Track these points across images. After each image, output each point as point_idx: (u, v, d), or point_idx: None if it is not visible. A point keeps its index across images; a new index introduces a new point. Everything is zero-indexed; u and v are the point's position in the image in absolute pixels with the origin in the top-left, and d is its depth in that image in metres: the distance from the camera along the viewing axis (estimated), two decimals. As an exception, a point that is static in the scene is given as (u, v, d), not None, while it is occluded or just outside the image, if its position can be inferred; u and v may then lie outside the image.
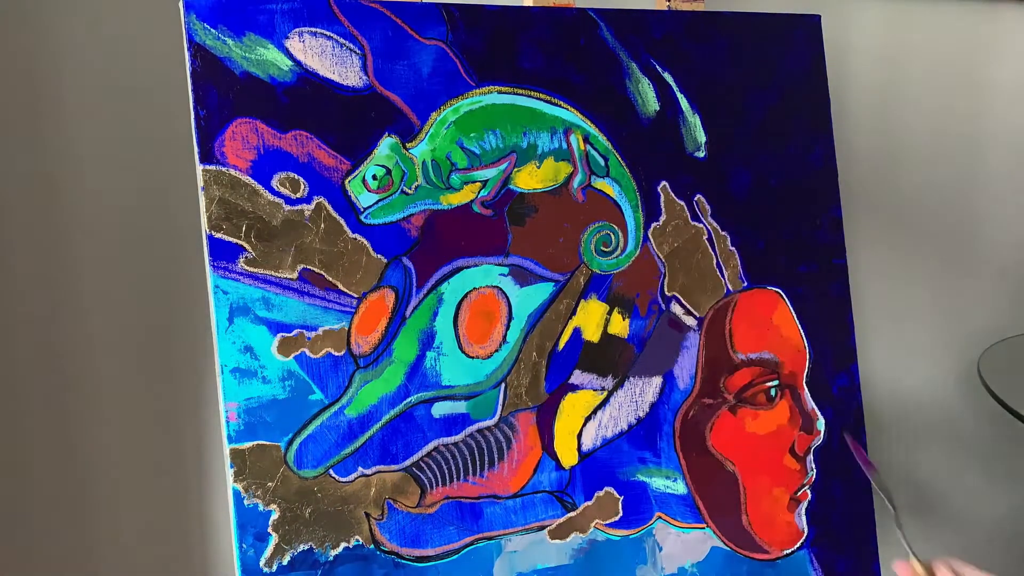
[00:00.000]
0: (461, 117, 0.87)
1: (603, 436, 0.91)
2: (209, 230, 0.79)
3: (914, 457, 1.38)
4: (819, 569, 0.98)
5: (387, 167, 0.85)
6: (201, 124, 0.79)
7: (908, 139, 1.30)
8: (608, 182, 0.92)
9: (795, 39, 0.99)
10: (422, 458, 0.85)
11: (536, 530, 0.89)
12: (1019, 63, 1.30)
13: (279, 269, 0.81)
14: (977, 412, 1.37)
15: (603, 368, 0.91)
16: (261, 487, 0.80)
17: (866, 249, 1.28)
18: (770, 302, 0.98)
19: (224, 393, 0.79)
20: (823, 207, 1.00)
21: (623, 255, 0.92)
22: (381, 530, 0.83)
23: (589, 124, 0.91)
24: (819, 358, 0.99)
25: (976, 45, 1.29)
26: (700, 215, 0.95)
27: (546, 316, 0.90)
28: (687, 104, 0.95)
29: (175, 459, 1.13)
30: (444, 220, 0.86)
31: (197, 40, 0.80)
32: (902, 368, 1.35)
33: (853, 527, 1.00)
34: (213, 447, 1.13)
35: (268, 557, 0.80)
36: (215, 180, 0.79)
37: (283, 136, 0.82)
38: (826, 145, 1.01)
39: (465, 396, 0.87)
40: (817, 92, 1.00)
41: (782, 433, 0.97)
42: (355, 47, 0.84)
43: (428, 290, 0.86)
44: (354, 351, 0.83)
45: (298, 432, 0.81)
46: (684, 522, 0.94)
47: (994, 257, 1.35)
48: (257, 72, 0.81)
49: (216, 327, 0.79)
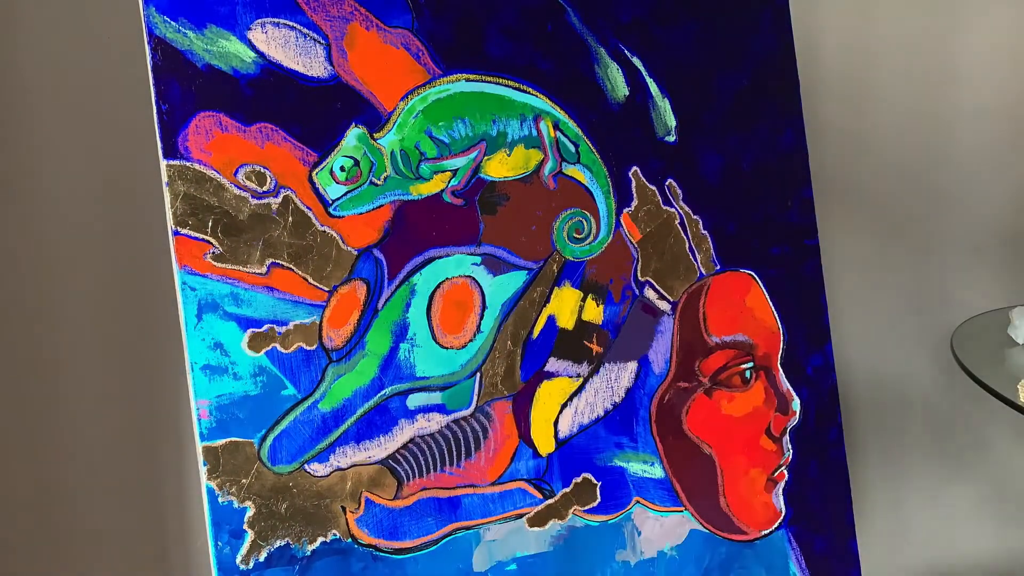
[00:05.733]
0: (429, 106, 0.86)
1: (580, 422, 0.92)
2: (175, 226, 0.78)
3: (889, 434, 1.39)
4: (797, 548, 0.99)
5: (355, 158, 0.84)
6: (164, 119, 0.78)
7: (878, 119, 1.30)
8: (579, 168, 0.92)
9: (763, 21, 0.99)
10: (398, 450, 0.85)
11: (514, 518, 0.89)
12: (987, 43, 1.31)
13: (247, 264, 0.80)
14: (951, 388, 1.38)
15: (578, 355, 0.91)
16: (235, 484, 0.79)
17: (838, 230, 1.29)
18: (743, 284, 0.98)
19: (195, 390, 0.78)
20: (794, 189, 1.00)
21: (596, 241, 0.92)
22: (358, 524, 0.83)
23: (558, 110, 0.91)
24: (793, 339, 1.00)
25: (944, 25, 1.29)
26: (672, 199, 0.95)
27: (520, 304, 0.89)
28: (656, 88, 0.95)
29: (148, 458, 1.12)
30: (414, 210, 0.86)
31: (157, 33, 0.78)
32: (876, 347, 1.36)
33: (830, 506, 1.01)
34: (186, 445, 1.12)
35: (244, 554, 0.79)
36: (179, 175, 0.78)
37: (248, 129, 0.81)
38: (796, 127, 1.01)
39: (440, 387, 0.86)
40: (786, 74, 1.00)
41: (758, 414, 0.98)
42: (319, 37, 0.83)
43: (400, 281, 0.85)
44: (326, 345, 0.82)
45: (271, 428, 0.80)
46: (662, 506, 0.94)
47: (965, 235, 1.36)
48: (220, 65, 0.80)
49: (185, 324, 0.78)
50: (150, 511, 1.14)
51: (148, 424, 1.12)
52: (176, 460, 1.13)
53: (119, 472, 1.12)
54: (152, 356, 1.10)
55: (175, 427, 1.12)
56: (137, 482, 1.13)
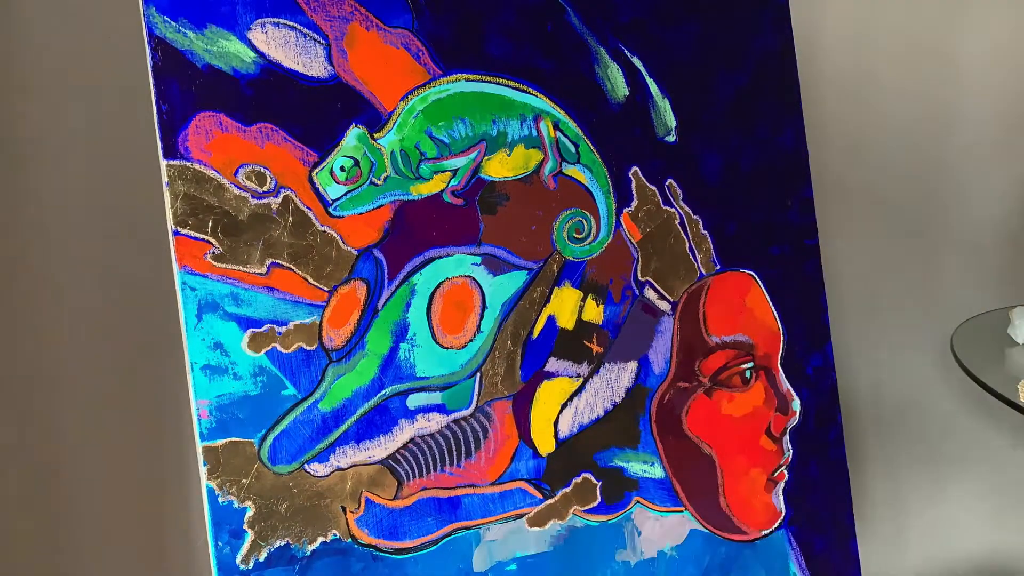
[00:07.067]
0: (429, 106, 0.86)
1: (580, 422, 0.91)
2: (175, 226, 0.78)
3: (889, 434, 1.39)
4: (797, 548, 0.99)
5: (355, 158, 0.84)
6: (164, 119, 0.78)
7: (878, 119, 1.30)
8: (579, 168, 0.92)
9: (763, 20, 0.99)
10: (398, 450, 0.85)
11: (514, 518, 0.89)
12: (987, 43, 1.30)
13: (247, 264, 0.80)
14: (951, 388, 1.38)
15: (578, 355, 0.91)
16: (235, 484, 0.79)
17: (838, 230, 1.29)
18: (743, 284, 0.98)
19: (195, 390, 0.78)
20: (794, 188, 1.00)
21: (596, 241, 0.92)
22: (358, 524, 0.83)
23: (559, 110, 0.91)
24: (793, 339, 1.00)
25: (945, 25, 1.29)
26: (672, 199, 0.95)
27: (520, 304, 0.89)
28: (656, 88, 0.95)
29: (148, 458, 1.12)
30: (414, 210, 0.86)
31: (157, 33, 0.78)
32: (876, 347, 1.36)
33: (830, 506, 1.01)
34: (186, 445, 1.12)
35: (244, 554, 0.79)
36: (179, 175, 0.78)
37: (248, 129, 0.81)
38: (796, 126, 1.01)
39: (440, 387, 0.86)
40: (786, 74, 1.00)
41: (758, 415, 0.98)
42: (319, 37, 0.83)
43: (400, 281, 0.85)
44: (326, 345, 0.82)
45: (271, 428, 0.80)
46: (662, 506, 0.94)
47: (966, 235, 1.36)
48: (220, 65, 0.80)
49: (185, 324, 0.78)
50: (150, 511, 1.14)
51: (148, 424, 1.12)
52: (176, 460, 1.13)
53: (119, 472, 1.12)
54: (152, 356, 1.10)
55: (175, 427, 1.12)
56: (137, 482, 1.12)
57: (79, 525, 1.12)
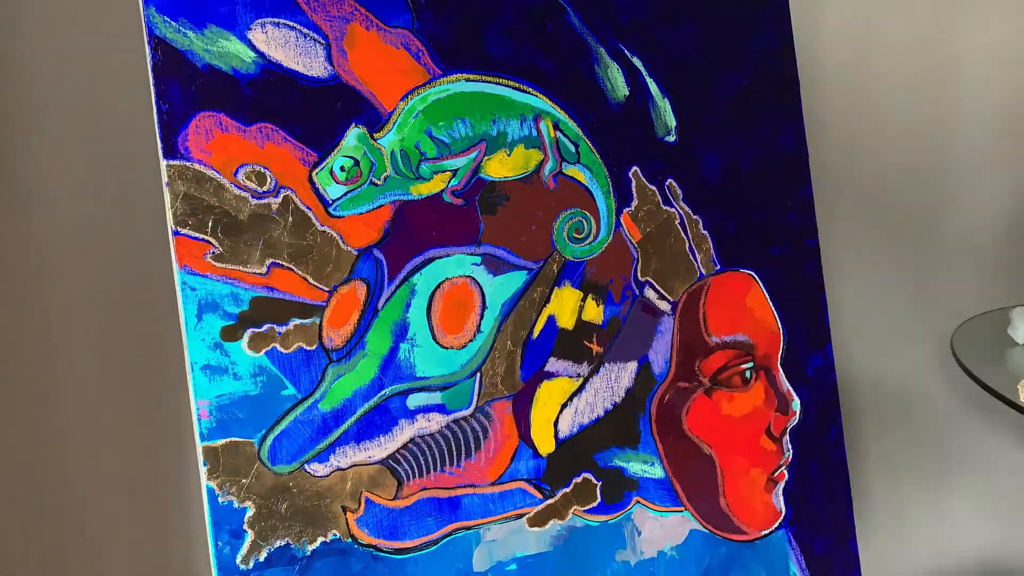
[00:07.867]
0: (429, 106, 0.86)
1: (580, 422, 0.91)
2: (175, 226, 0.78)
3: (889, 434, 1.39)
4: (797, 548, 0.99)
5: (355, 158, 0.84)
6: (164, 119, 0.78)
7: (878, 119, 1.30)
8: (579, 168, 0.92)
9: (763, 20, 0.99)
10: (398, 450, 0.85)
11: (514, 518, 0.89)
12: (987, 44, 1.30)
13: (247, 264, 0.80)
14: (951, 388, 1.38)
15: (578, 355, 0.91)
16: (235, 484, 0.79)
17: (838, 230, 1.29)
18: (743, 284, 0.98)
19: (195, 390, 0.78)
20: (794, 188, 1.00)
21: (596, 241, 0.92)
22: (358, 524, 0.83)
23: (559, 110, 0.91)
24: (793, 339, 1.00)
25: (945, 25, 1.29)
26: (672, 199, 0.95)
27: (520, 304, 0.89)
28: (656, 88, 0.95)
29: (148, 458, 1.12)
30: (414, 210, 0.86)
31: (157, 33, 0.78)
32: (876, 347, 1.36)
33: (830, 506, 1.01)
34: (186, 445, 1.12)
35: (244, 554, 0.79)
36: (179, 175, 0.78)
37: (248, 129, 0.81)
38: (796, 127, 1.01)
39: (440, 387, 0.86)
40: (786, 73, 1.00)
41: (758, 415, 0.98)
42: (319, 37, 0.83)
43: (400, 281, 0.85)
44: (326, 345, 0.82)
45: (271, 428, 0.80)
46: (662, 506, 0.94)
47: (966, 235, 1.36)
48: (220, 65, 0.80)
49: (185, 324, 0.78)
50: (150, 511, 1.14)
51: (148, 424, 1.12)
52: (176, 460, 1.13)
53: (119, 472, 1.12)
54: (152, 356, 1.10)
55: (175, 427, 1.12)
56: (137, 482, 1.12)
57: (79, 525, 1.12)
